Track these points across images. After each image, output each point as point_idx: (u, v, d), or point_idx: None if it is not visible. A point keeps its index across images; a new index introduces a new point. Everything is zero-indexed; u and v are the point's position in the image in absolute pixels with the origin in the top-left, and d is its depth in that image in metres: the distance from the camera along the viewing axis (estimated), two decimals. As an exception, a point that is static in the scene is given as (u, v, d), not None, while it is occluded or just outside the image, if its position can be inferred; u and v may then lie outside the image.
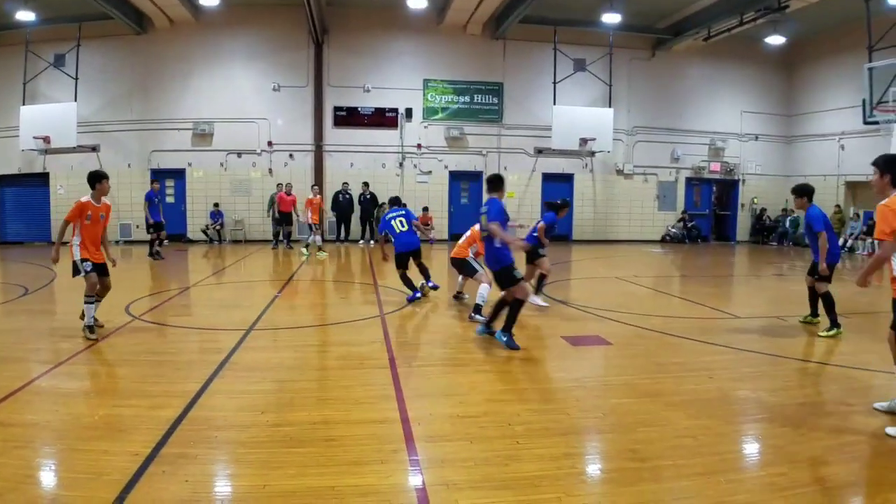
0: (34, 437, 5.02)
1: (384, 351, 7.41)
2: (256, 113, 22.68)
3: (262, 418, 5.24)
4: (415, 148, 23.33)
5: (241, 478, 4.22)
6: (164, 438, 4.81)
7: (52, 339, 8.57)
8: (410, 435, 4.85)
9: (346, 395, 5.86)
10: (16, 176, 23.19)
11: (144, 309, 10.23)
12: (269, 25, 22.48)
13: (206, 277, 14.58)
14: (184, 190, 23.10)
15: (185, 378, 6.39)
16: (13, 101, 22.10)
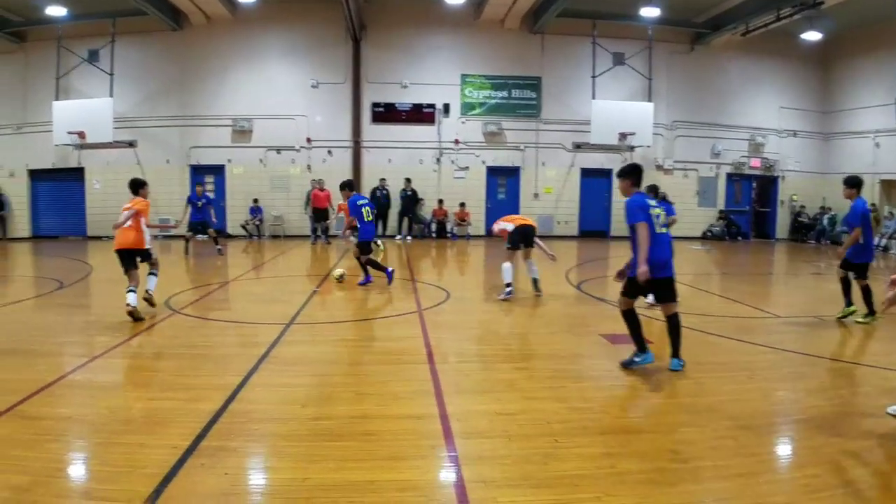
0: (67, 430, 5.09)
1: (422, 346, 7.41)
2: (295, 109, 22.84)
3: (302, 412, 5.27)
4: (452, 143, 23.31)
5: (280, 471, 4.24)
6: (204, 431, 4.85)
7: (88, 332, 8.71)
8: (449, 431, 4.84)
9: (385, 389, 5.87)
10: (49, 171, 23.61)
11: (184, 303, 10.36)
12: (306, 22, 22.62)
13: (245, 272, 14.73)
14: (223, 186, 23.37)
15: (225, 371, 6.47)
16: (46, 96, 22.50)
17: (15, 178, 23.55)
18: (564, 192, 23.93)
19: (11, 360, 7.25)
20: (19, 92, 23.51)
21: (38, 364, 7.00)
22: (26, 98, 23.43)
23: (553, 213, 23.88)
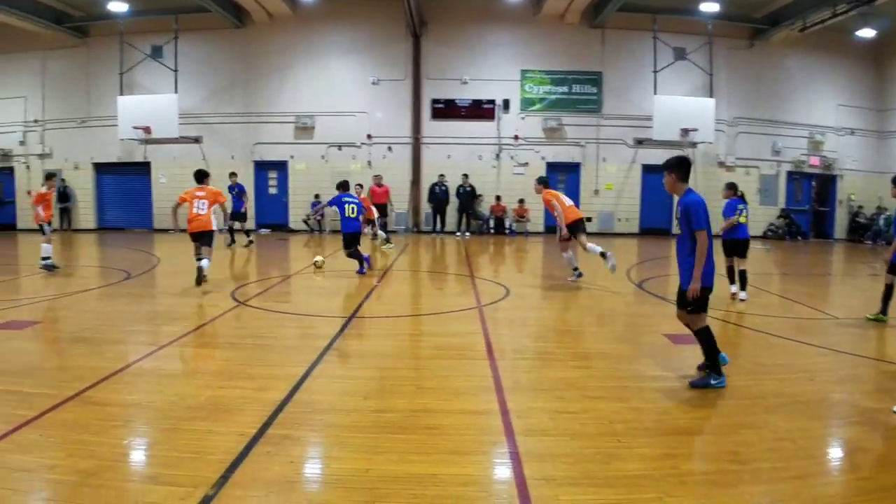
0: (135, 416, 5.26)
1: (482, 342, 7.42)
2: (356, 106, 23.11)
3: (365, 404, 5.34)
4: (511, 139, 23.25)
5: (344, 461, 4.30)
6: (270, 420, 4.96)
7: (154, 322, 8.97)
8: (510, 428, 4.83)
9: (446, 384, 5.91)
10: (115, 164, 24.53)
11: (249, 295, 10.59)
12: (367, 19, 22.86)
13: (306, 266, 14.94)
14: (286, 181, 23.78)
15: (289, 362, 6.60)
16: (109, 90, 23.41)
17: (80, 171, 24.40)
18: (625, 189, 23.67)
19: (80, 347, 7.53)
20: (83, 86, 24.47)
21: (105, 352, 7.25)
22: (90, 92, 24.37)
23: (613, 210, 23.65)
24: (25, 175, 25.40)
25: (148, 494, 3.85)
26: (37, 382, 6.08)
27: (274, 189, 24.04)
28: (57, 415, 5.20)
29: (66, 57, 24.73)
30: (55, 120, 25.15)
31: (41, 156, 25.30)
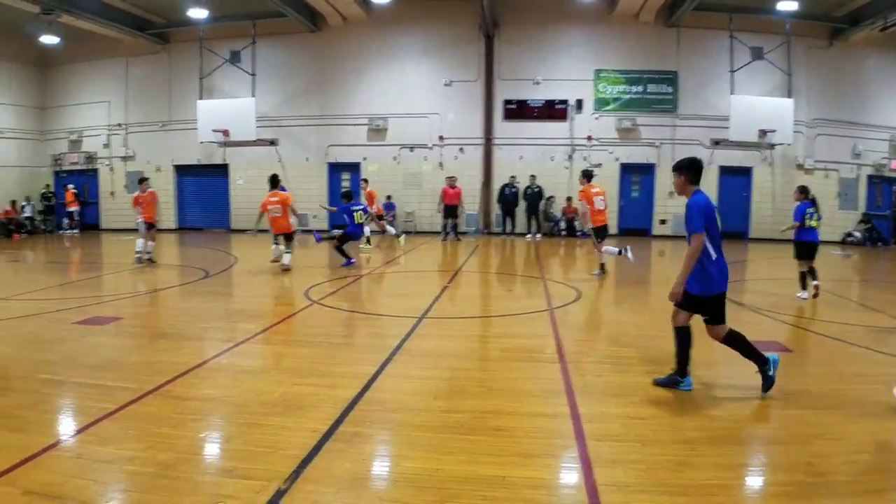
0: (212, 410, 5.43)
1: (553, 345, 7.36)
2: (428, 108, 23.22)
3: (435, 404, 5.37)
4: (584, 140, 22.98)
5: (414, 460, 4.32)
6: (341, 417, 5.04)
7: (231, 319, 9.23)
8: (581, 432, 4.78)
9: (516, 386, 5.87)
10: (194, 166, 25.40)
11: (322, 294, 10.75)
12: (439, 21, 22.93)
13: (378, 267, 15.10)
14: (359, 183, 24.01)
15: (360, 361, 6.68)
16: (190, 95, 24.27)
17: (161, 173, 25.26)
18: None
19: (160, 343, 7.81)
20: (164, 91, 25.44)
21: (184, 347, 7.49)
22: (171, 97, 25.33)
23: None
24: (109, 177, 26.46)
25: (224, 487, 3.95)
26: (118, 376, 6.31)
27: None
28: (137, 408, 5.39)
29: (148, 63, 25.73)
30: (138, 123, 26.15)
31: (124, 158, 26.35)
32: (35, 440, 4.77)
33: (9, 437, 4.79)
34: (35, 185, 26.98)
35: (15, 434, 4.85)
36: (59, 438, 4.88)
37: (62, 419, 5.47)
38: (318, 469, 4.17)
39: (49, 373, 6.51)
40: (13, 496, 3.85)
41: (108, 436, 4.82)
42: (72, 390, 6.00)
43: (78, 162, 26.98)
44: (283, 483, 3.95)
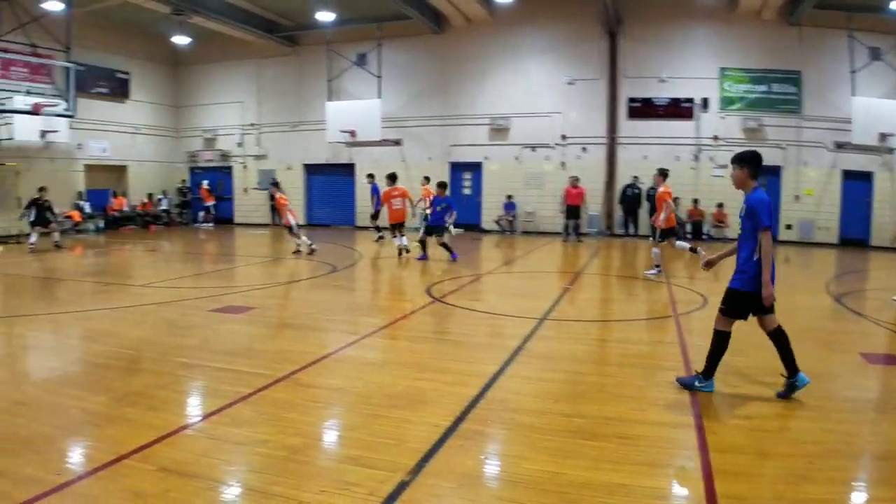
0: (338, 400, 5.63)
1: (678, 352, 7.15)
2: (550, 107, 23.03)
3: (556, 407, 5.32)
4: (710, 140, 22.17)
5: (535, 462, 4.29)
6: (463, 414, 5.09)
7: (356, 313, 9.54)
8: (704, 443, 4.63)
9: (640, 393, 5.76)
10: (322, 165, 26.37)
11: (443, 292, 10.88)
12: (562, 19, 22.68)
13: (498, 266, 15.15)
14: (480, 182, 24.19)
15: (482, 359, 6.72)
16: (318, 96, 25.18)
17: (292, 171, 26.30)
18: (825, 196, 21.75)
19: (290, 332, 8.16)
20: (294, 92, 26.58)
21: (312, 338, 7.79)
22: (301, 98, 26.43)
23: (814, 218, 21.79)
24: (242, 174, 27.79)
25: (349, 474, 4.07)
26: (251, 362, 6.63)
27: (468, 190, 24.56)
28: (269, 393, 5.64)
29: (278, 64, 26.91)
30: (270, 124, 27.40)
31: (257, 157, 27.69)
32: (170, 419, 5.09)
33: (146, 415, 5.13)
34: (171, 180, 28.79)
35: (152, 413, 5.19)
36: (194, 419, 5.19)
37: (197, 401, 5.80)
38: (439, 464, 4.22)
39: (186, 357, 6.92)
40: (148, 472, 4.10)
41: (241, 418, 5.07)
42: (206, 374, 6.34)
43: (213, 160, 28.52)
44: (406, 475, 4.03)
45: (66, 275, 13.74)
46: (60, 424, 4.96)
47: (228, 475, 4.18)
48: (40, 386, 6.05)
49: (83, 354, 7.31)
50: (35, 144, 22.12)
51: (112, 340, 7.68)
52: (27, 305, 10.42)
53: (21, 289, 12.10)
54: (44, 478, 4.01)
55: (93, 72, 24.29)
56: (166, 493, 3.84)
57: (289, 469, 4.16)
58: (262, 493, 3.83)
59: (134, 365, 6.67)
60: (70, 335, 8.41)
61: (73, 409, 5.29)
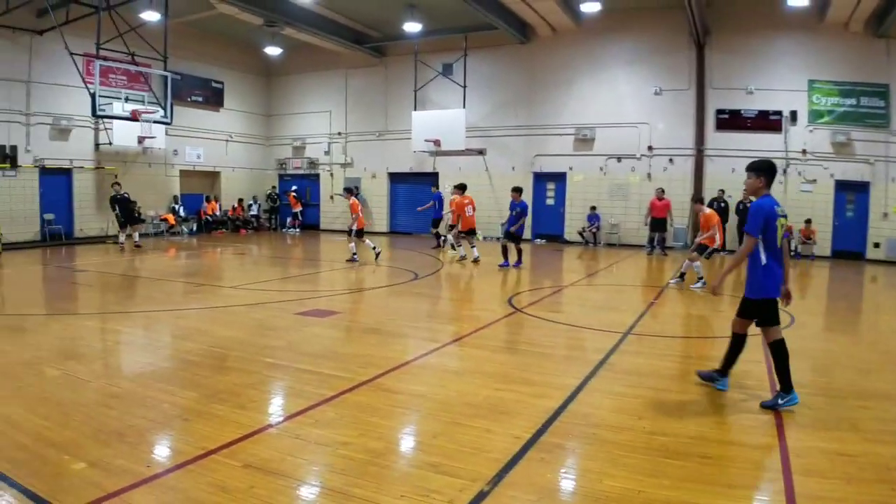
0: (420, 406, 5.66)
1: (764, 373, 6.90)
2: (636, 117, 22.68)
3: (639, 424, 5.23)
4: (799, 154, 21.36)
5: (616, 478, 4.23)
6: (544, 427, 5.06)
7: (438, 321, 9.62)
8: (787, 466, 4.48)
9: (723, 413, 5.61)
10: (407, 174, 26.63)
11: (524, 303, 10.84)
12: (648, 29, 22.30)
13: (580, 278, 14.99)
14: (563, 193, 24.01)
15: (564, 372, 6.69)
16: (404, 106, 25.56)
17: (376, 180, 26.72)
18: (915, 214, 20.72)
19: (372, 337, 8.28)
20: (381, 102, 27.11)
21: (394, 343, 7.90)
22: (387, 108, 26.87)
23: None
24: (329, 182, 28.38)
25: (429, 481, 4.11)
26: (335, 365, 6.78)
27: (551, 200, 24.40)
28: (351, 396, 5.75)
29: (366, 75, 27.45)
30: (356, 132, 27.96)
31: (343, 165, 28.25)
32: (256, 418, 5.25)
33: (233, 412, 5.30)
34: (261, 186, 29.70)
35: (239, 410, 5.36)
36: (279, 418, 5.33)
37: (282, 400, 5.97)
38: (519, 476, 4.21)
39: (272, 357, 7.12)
40: (234, 468, 4.25)
41: (324, 420, 5.19)
42: (292, 375, 6.51)
43: (301, 167, 29.27)
44: (486, 485, 4.04)
45: (161, 275, 14.30)
46: (151, 418, 5.18)
47: (310, 475, 4.28)
48: (133, 380, 6.33)
49: (175, 351, 7.60)
50: (133, 149, 23.17)
51: (203, 339, 7.97)
52: (122, 303, 10.91)
53: (117, 287, 12.65)
54: (134, 469, 4.20)
55: (188, 81, 25.35)
56: (251, 489, 3.96)
57: (369, 472, 4.23)
58: (343, 495, 3.91)
59: (223, 363, 6.89)
60: (163, 332, 8.77)
61: (164, 404, 5.51)
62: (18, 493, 3.84)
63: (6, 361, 6.79)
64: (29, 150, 20.52)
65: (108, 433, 4.81)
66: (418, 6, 21.95)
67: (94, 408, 5.42)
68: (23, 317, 9.41)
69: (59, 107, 21.20)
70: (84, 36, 18.35)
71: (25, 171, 20.24)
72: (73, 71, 18.20)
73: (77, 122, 21.63)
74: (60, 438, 4.68)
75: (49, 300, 11.65)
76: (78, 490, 3.88)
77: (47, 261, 16.91)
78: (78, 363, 6.78)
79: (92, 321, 9.43)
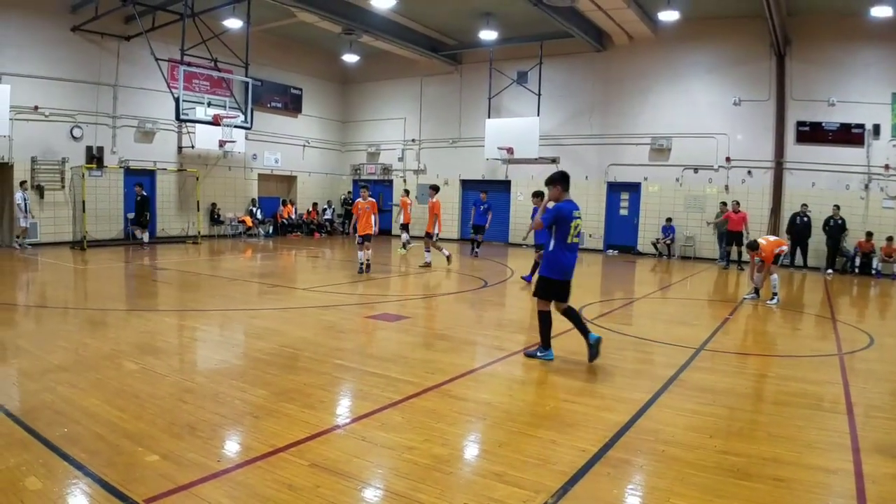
0: (487, 414, 5.65)
1: (841, 394, 6.64)
2: (714, 128, 22.17)
3: (710, 442, 5.10)
4: (881, 169, 20.49)
5: (684, 498, 4.13)
6: (612, 441, 5.00)
7: (506, 329, 9.57)
8: (862, 493, 4.30)
9: (798, 435, 5.40)
10: (479, 181, 26.61)
11: (594, 314, 10.72)
12: (727, 38, 21.77)
13: (653, 291, 14.74)
14: (638, 203, 23.67)
15: (633, 387, 6.58)
16: (478, 113, 25.69)
17: (448, 186, 26.87)
18: None
19: (440, 343, 8.32)
20: (455, 109, 27.32)
21: (462, 350, 7.93)
22: (461, 115, 27.01)
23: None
24: (401, 188, 28.58)
25: (492, 490, 4.10)
26: (403, 370, 6.84)
27: (625, 210, 24.09)
28: (418, 401, 5.80)
29: (441, 82, 27.67)
30: (430, 139, 28.24)
31: (416, 171, 28.51)
32: (324, 418, 5.34)
33: (302, 412, 5.41)
34: (335, 191, 30.28)
35: (308, 410, 5.47)
36: (346, 419, 5.40)
37: (349, 402, 6.06)
38: (584, 490, 4.17)
39: (342, 359, 7.24)
40: (300, 467, 4.34)
41: (391, 424, 5.24)
42: (360, 377, 6.60)
43: (375, 173, 29.64)
44: (551, 497, 4.02)
45: (237, 275, 14.66)
46: (223, 413, 5.33)
47: (375, 477, 4.33)
48: (207, 376, 6.53)
49: (248, 349, 7.80)
50: (214, 153, 23.88)
51: (275, 338, 8.15)
52: (199, 301, 11.24)
53: (195, 286, 13.03)
54: (204, 463, 4.33)
55: (268, 87, 26.00)
56: (316, 488, 4.03)
57: (433, 477, 4.25)
58: (407, 499, 3.94)
59: (294, 363, 7.04)
60: (237, 331, 9.00)
61: (235, 400, 5.66)
62: (93, 482, 4.00)
63: (87, 354, 7.08)
64: (115, 151, 21.40)
65: (181, 427, 4.97)
66: (494, 14, 22.00)
67: (168, 401, 5.60)
68: (105, 312, 9.78)
69: (145, 110, 22.07)
70: (169, 42, 18.99)
71: (111, 171, 21.05)
72: (158, 76, 18.87)
73: (161, 125, 22.45)
74: (135, 430, 4.86)
75: (130, 296, 12.09)
76: (150, 481, 4.02)
77: (129, 259, 17.53)
78: (155, 358, 7.02)
79: (170, 318, 9.74)
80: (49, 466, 4.18)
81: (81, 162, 20.18)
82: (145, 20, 19.02)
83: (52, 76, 19.68)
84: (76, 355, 7.01)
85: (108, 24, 20.28)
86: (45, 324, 8.92)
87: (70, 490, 3.91)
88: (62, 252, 18.07)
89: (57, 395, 5.63)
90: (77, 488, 3.93)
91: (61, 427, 4.85)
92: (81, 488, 3.93)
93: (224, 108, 19.62)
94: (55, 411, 5.20)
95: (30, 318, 9.36)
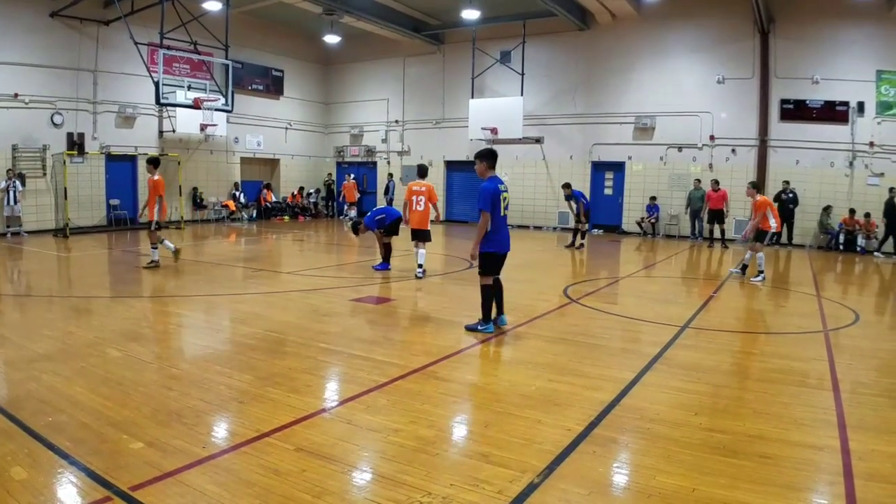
0: (472, 395, 5.71)
1: (827, 371, 6.69)
2: (698, 106, 22.18)
3: (696, 420, 5.12)
4: (866, 146, 20.60)
5: (670, 475, 4.14)
6: (597, 420, 5.01)
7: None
8: (849, 469, 4.32)
9: (784, 412, 5.42)
10: (463, 162, 26.46)
11: (579, 294, 10.75)
12: (711, 17, 21.75)
13: (637, 270, 14.78)
14: (622, 183, 23.69)
15: (619, 365, 6.61)
16: (461, 94, 25.53)
17: (432, 168, 26.71)
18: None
19: (426, 325, 8.37)
20: (438, 90, 27.21)
21: (447, 332, 7.93)
22: (444, 95, 26.87)
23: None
24: (385, 170, 28.51)
25: (478, 471, 4.10)
26: (388, 352, 6.84)
27: (609, 190, 24.11)
28: (403, 384, 5.79)
29: (424, 62, 27.50)
30: (413, 120, 28.09)
31: (400, 153, 28.38)
32: (310, 402, 5.33)
33: (288, 397, 5.40)
34: (319, 174, 30.03)
35: (293, 395, 5.46)
36: (331, 403, 5.40)
37: (335, 386, 6.05)
38: (570, 468, 4.18)
39: (327, 343, 7.22)
40: (287, 451, 4.33)
41: (376, 406, 5.23)
42: (345, 360, 6.59)
43: (358, 154, 29.52)
44: (537, 477, 4.02)
45: (221, 260, 14.57)
46: (208, 400, 5.30)
47: (362, 460, 4.32)
48: (192, 362, 6.50)
49: (233, 335, 7.76)
50: (195, 137, 23.67)
51: (259, 323, 8.11)
52: (183, 286, 11.15)
53: (178, 271, 12.93)
54: (190, 449, 4.31)
55: (249, 69, 25.76)
56: (302, 472, 4.02)
57: (420, 459, 4.25)
58: (393, 481, 3.93)
59: (278, 347, 7.01)
60: (221, 316, 8.97)
61: (220, 386, 5.63)
62: (78, 470, 3.97)
63: (72, 342, 7.02)
64: (96, 137, 21.14)
65: (166, 414, 4.94)
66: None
67: (153, 388, 5.57)
68: (89, 299, 9.71)
69: (125, 95, 21.81)
70: (149, 26, 18.75)
71: (92, 157, 20.82)
72: (137, 60, 18.68)
73: (142, 110, 22.21)
74: (120, 418, 4.83)
75: (113, 283, 12.00)
76: (135, 469, 3.99)
77: (112, 245, 17.39)
78: (139, 345, 6.98)
79: (154, 304, 9.68)
80: (34, 456, 4.14)
81: (62, 149, 19.93)
82: (124, 4, 18.72)
83: (32, 63, 19.38)
84: (61, 344, 6.95)
85: (86, 9, 20.00)
86: (28, 313, 8.83)
87: (55, 479, 3.88)
88: (45, 240, 17.89)
89: (41, 384, 5.58)
90: (62, 477, 3.90)
91: (46, 416, 4.81)
92: (67, 477, 3.89)
93: (205, 92, 19.45)
94: (40, 400, 5.15)
95: (13, 308, 9.26)
